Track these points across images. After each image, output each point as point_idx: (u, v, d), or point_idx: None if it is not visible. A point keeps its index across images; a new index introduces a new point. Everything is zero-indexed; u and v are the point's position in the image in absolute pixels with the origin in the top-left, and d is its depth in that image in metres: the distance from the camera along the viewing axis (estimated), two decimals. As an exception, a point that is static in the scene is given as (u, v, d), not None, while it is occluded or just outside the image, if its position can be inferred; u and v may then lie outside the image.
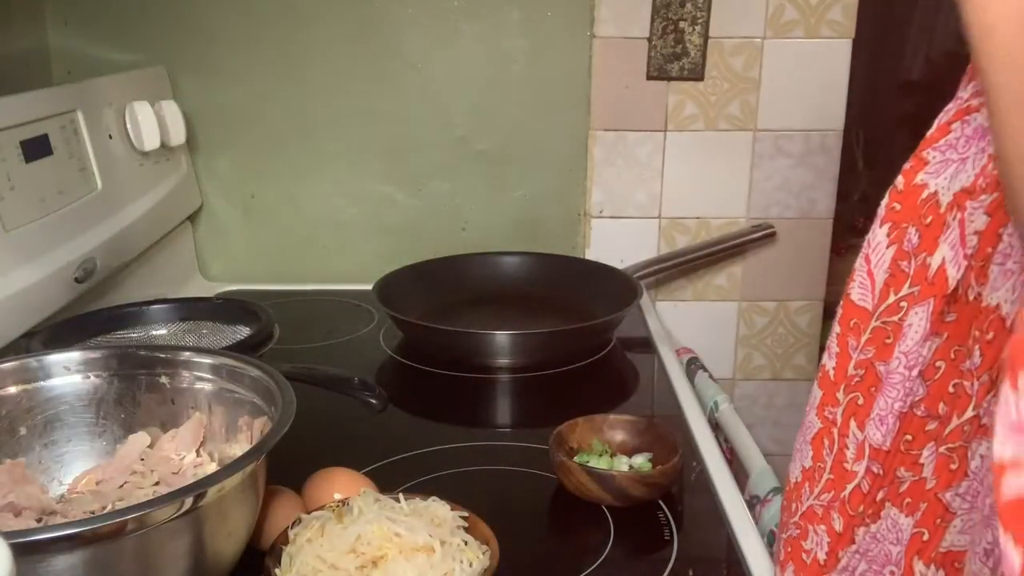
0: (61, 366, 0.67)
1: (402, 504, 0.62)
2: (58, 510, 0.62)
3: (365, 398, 0.90)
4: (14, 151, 0.86)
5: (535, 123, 1.26)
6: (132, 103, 1.08)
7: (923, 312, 0.53)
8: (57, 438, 0.67)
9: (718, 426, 1.00)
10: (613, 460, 0.76)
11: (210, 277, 1.32)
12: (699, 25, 1.18)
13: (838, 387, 0.57)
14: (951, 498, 0.52)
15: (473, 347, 1.00)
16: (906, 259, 0.54)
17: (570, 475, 0.72)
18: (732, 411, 1.09)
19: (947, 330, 0.53)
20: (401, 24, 1.22)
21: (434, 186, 1.29)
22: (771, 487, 0.86)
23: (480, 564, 0.58)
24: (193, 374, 0.68)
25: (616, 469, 0.74)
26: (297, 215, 1.30)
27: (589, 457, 0.76)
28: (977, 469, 0.51)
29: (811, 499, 0.59)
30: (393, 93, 1.24)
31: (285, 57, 1.23)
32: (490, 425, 0.93)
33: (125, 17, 1.21)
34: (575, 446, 0.78)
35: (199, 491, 0.50)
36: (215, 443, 0.67)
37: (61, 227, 0.91)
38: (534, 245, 1.28)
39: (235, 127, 1.26)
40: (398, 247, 1.28)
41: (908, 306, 0.54)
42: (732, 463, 0.95)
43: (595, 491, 0.71)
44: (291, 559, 0.58)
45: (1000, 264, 0.50)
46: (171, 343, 1.00)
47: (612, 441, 0.79)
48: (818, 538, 0.58)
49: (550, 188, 1.29)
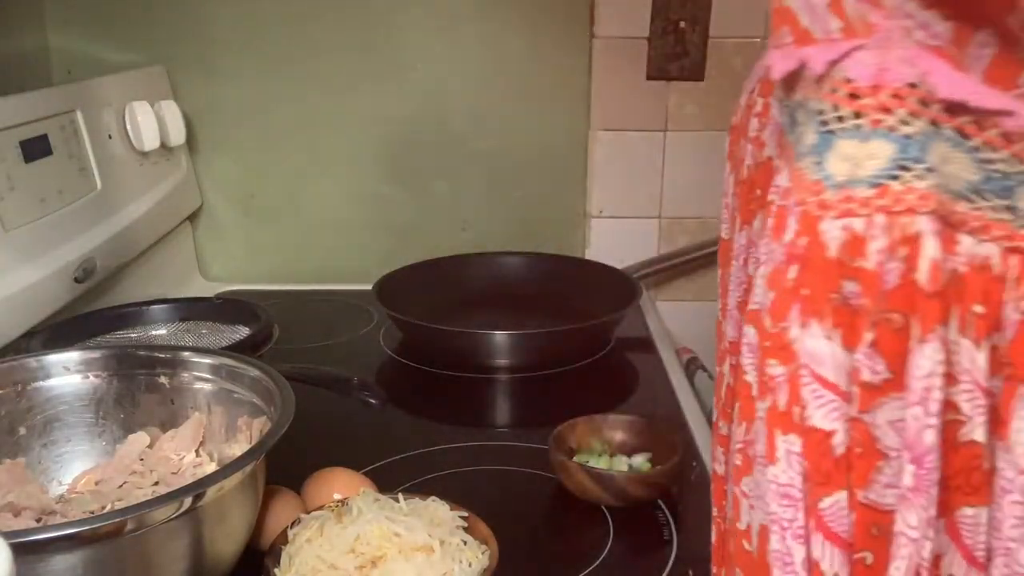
0: (61, 366, 0.67)
1: (401, 504, 0.62)
2: (57, 510, 0.62)
3: (364, 398, 0.90)
4: (14, 151, 0.86)
5: (535, 123, 1.26)
6: (132, 103, 1.08)
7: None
8: (57, 438, 0.67)
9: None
10: (613, 460, 0.76)
11: (210, 277, 1.32)
12: (699, 25, 1.18)
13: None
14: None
15: (473, 347, 1.00)
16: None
17: (570, 475, 0.72)
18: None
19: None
20: (401, 24, 1.22)
21: (434, 186, 1.29)
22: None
23: (479, 564, 0.58)
24: (193, 374, 0.68)
25: (616, 469, 0.74)
26: (297, 215, 1.30)
27: (589, 457, 0.76)
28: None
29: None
30: (393, 93, 1.24)
31: (285, 57, 1.23)
32: (489, 425, 0.93)
33: (125, 17, 1.21)
34: (575, 446, 0.78)
35: (198, 491, 0.50)
36: (214, 443, 0.67)
37: (61, 227, 0.91)
38: (534, 245, 1.28)
39: (235, 127, 1.26)
40: (398, 247, 1.28)
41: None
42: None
43: (595, 491, 0.71)
44: (290, 559, 0.58)
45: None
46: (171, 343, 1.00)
47: (612, 441, 0.78)
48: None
49: (550, 188, 1.29)
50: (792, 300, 0.38)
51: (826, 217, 0.37)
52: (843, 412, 0.38)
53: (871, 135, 0.37)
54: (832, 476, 0.38)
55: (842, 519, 0.39)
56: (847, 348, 0.38)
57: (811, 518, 0.39)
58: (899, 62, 0.36)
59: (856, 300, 0.37)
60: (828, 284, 0.37)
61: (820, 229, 0.37)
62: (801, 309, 0.38)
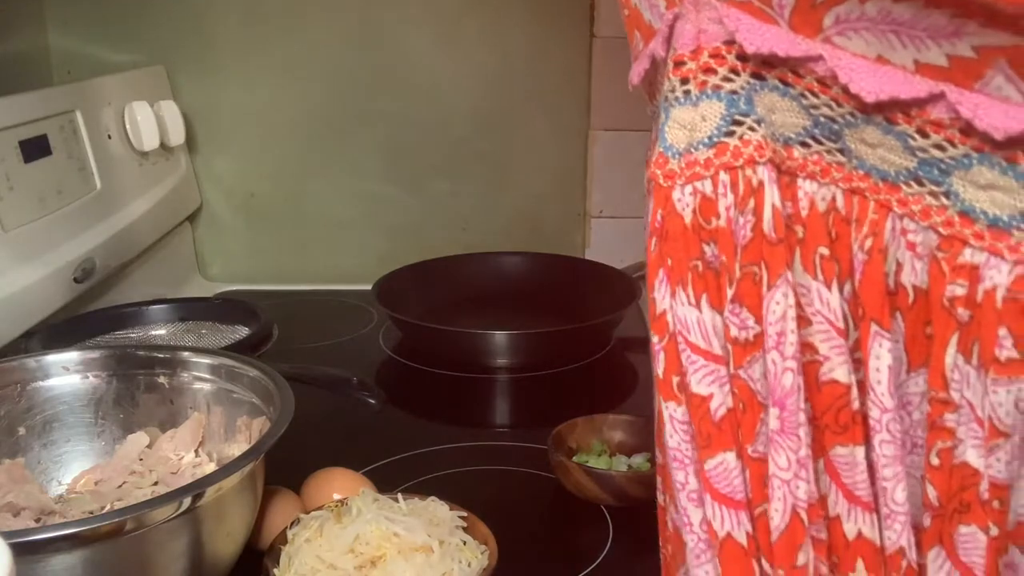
0: (60, 366, 0.67)
1: (401, 504, 0.62)
2: (57, 510, 0.62)
3: (363, 398, 0.90)
4: (13, 151, 0.86)
5: (535, 123, 1.26)
6: (131, 103, 1.08)
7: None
8: (56, 438, 0.67)
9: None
10: (612, 460, 0.76)
11: (210, 277, 1.32)
12: (699, 25, 1.18)
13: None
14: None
15: (472, 347, 0.99)
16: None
17: (569, 475, 0.72)
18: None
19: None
20: (401, 24, 1.22)
21: (434, 186, 1.29)
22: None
23: (479, 564, 0.58)
24: (192, 374, 0.68)
25: (615, 469, 0.74)
26: (297, 215, 1.30)
27: (588, 457, 0.76)
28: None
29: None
30: (393, 93, 1.24)
31: (285, 57, 1.23)
32: (489, 425, 0.93)
33: (125, 17, 1.21)
34: (574, 446, 0.78)
35: (198, 491, 0.50)
36: (214, 443, 0.67)
37: (60, 227, 0.91)
38: (534, 245, 1.28)
39: (235, 127, 1.26)
40: (398, 247, 1.28)
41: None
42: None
43: (594, 491, 0.71)
44: (290, 559, 0.58)
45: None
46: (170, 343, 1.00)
47: (611, 441, 0.78)
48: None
49: (550, 188, 1.29)
50: (657, 272, 0.39)
51: (675, 186, 0.39)
52: (718, 376, 0.39)
53: (700, 98, 0.38)
54: (714, 438, 0.39)
55: (730, 479, 0.39)
56: (715, 310, 0.39)
57: (700, 480, 0.40)
58: (711, 23, 0.37)
59: (716, 261, 0.39)
60: (689, 251, 0.39)
61: (673, 199, 0.39)
62: (667, 279, 0.39)
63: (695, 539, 0.41)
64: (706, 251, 0.39)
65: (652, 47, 0.40)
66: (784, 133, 0.38)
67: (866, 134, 0.37)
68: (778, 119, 0.38)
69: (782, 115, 0.38)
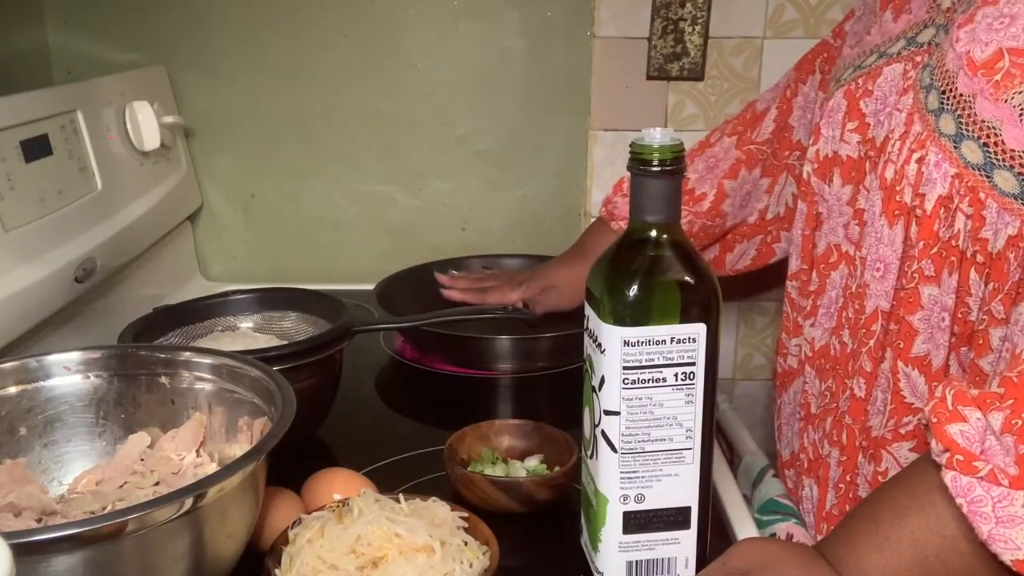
0: (61, 366, 0.67)
1: (402, 504, 0.62)
2: (58, 510, 0.62)
3: (519, 317, 0.99)
4: (14, 151, 0.86)
5: (535, 123, 1.26)
6: (132, 103, 1.08)
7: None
8: (57, 438, 0.67)
9: (717, 426, 1.00)
10: (508, 466, 0.74)
11: (210, 277, 1.32)
12: (699, 25, 1.18)
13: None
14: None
15: (473, 348, 1.00)
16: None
17: (473, 487, 0.69)
18: (731, 411, 1.09)
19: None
20: (401, 24, 1.22)
21: (434, 186, 1.29)
22: (760, 466, 0.87)
23: (480, 564, 0.58)
24: (193, 374, 0.68)
25: (512, 475, 0.73)
26: (297, 215, 1.30)
27: (483, 466, 0.74)
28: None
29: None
30: (393, 93, 1.24)
31: (285, 57, 1.23)
32: (490, 425, 0.93)
33: (125, 17, 1.21)
34: (465, 456, 0.75)
35: (199, 491, 0.50)
36: (215, 443, 0.67)
37: (61, 227, 0.91)
38: (534, 245, 1.28)
39: (235, 127, 1.26)
40: (398, 247, 1.29)
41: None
42: (732, 463, 0.95)
43: (501, 500, 0.69)
44: (291, 559, 0.58)
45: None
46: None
47: (500, 447, 0.76)
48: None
49: (550, 188, 1.29)
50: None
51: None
52: None
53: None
54: None
55: None
56: None
57: None
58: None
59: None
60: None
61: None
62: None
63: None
64: None
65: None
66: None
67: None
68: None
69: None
